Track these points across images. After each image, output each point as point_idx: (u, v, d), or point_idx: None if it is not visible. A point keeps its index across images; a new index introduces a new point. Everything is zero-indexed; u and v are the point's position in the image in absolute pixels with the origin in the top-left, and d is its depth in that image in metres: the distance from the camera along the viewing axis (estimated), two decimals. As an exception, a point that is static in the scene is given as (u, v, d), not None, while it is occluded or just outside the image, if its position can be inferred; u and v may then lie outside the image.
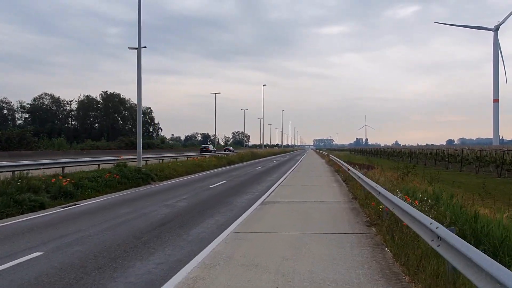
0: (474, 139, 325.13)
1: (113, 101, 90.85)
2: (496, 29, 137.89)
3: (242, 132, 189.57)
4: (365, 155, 74.96)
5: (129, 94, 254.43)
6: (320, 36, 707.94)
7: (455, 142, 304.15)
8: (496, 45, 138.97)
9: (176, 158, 31.58)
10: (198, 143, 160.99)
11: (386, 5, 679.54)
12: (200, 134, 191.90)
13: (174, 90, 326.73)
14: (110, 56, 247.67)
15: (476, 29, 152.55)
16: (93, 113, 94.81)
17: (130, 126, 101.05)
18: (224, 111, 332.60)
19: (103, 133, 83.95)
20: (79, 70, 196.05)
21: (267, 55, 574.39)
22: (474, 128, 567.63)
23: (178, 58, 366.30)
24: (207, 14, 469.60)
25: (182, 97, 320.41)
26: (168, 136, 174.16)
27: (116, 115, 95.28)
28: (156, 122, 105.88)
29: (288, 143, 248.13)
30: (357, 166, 24.51)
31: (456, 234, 4.36)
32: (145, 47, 57.46)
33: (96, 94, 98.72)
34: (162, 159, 28.58)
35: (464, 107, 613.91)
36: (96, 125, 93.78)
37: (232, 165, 36.23)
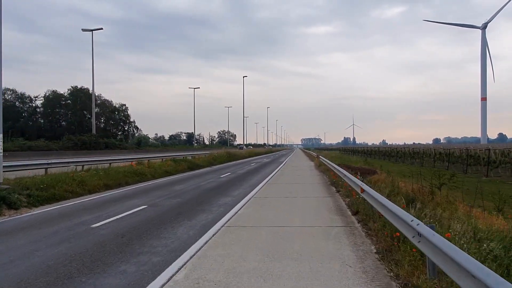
0: (460, 137, 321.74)
1: (81, 96, 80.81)
2: (484, 27, 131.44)
3: (228, 131, 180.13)
4: (358, 156, 66.65)
5: (113, 93, 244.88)
6: (308, 35, 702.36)
7: (441, 141, 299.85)
8: (484, 43, 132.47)
9: (110, 163, 22.62)
10: (183, 143, 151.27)
11: (373, 6, 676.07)
12: (185, 133, 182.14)
13: (162, 89, 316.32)
14: (97, 55, 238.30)
15: (463, 27, 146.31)
16: (61, 110, 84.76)
17: (103, 124, 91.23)
18: (212, 110, 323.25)
19: (70, 131, 74.19)
20: (63, 69, 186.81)
21: (256, 54, 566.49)
22: (459, 127, 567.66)
23: (167, 57, 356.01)
24: (196, 13, 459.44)
25: (169, 96, 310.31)
26: (151, 136, 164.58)
27: (86, 112, 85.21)
28: (132, 120, 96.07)
29: (276, 142, 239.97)
30: (359, 172, 16.56)
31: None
32: (101, 28, 48.16)
33: (64, 89, 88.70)
34: (83, 166, 19.57)
35: (448, 106, 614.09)
36: (63, 122, 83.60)
37: (194, 170, 27.33)
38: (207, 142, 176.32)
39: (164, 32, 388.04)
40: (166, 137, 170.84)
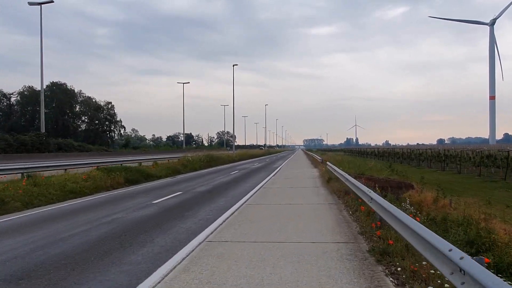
0: (464, 138, 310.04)
1: (57, 92, 70.84)
2: (492, 23, 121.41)
3: (227, 132, 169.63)
4: (370, 158, 56.38)
5: (116, 96, 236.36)
6: (310, 36, 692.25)
7: (446, 142, 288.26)
8: (492, 40, 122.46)
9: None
10: (179, 144, 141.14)
11: (375, 6, 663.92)
12: (183, 134, 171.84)
13: (162, 91, 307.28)
14: (99, 57, 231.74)
15: (471, 24, 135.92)
16: (38, 107, 74.90)
17: (86, 123, 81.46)
18: (213, 111, 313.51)
19: (46, 131, 64.44)
20: (65, 72, 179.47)
21: (257, 56, 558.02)
22: (462, 128, 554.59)
23: (168, 58, 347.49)
24: (197, 14, 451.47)
25: (171, 98, 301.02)
26: (149, 137, 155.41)
27: (68, 110, 75.45)
28: (118, 119, 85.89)
29: (277, 143, 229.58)
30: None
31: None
32: (52, 1, 38.31)
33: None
34: None
35: (451, 106, 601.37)
36: (39, 122, 73.67)
37: (135, 185, 17.43)
38: (205, 143, 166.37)
39: (165, 34, 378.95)
40: (164, 138, 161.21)
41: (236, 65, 50.79)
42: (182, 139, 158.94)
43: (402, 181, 19.56)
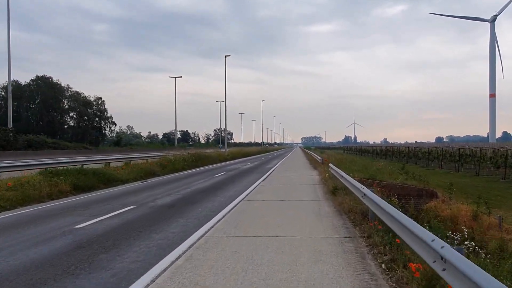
0: (462, 136, 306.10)
1: (41, 86, 66.41)
2: (493, 20, 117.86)
3: (224, 129, 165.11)
4: (372, 157, 52.50)
5: (113, 92, 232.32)
6: (309, 34, 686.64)
7: (444, 140, 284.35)
8: (493, 37, 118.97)
9: None
10: (173, 142, 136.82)
11: (374, 4, 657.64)
12: (179, 131, 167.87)
13: (161, 88, 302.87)
14: (98, 54, 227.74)
15: (471, 20, 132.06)
16: (24, 103, 70.70)
17: (74, 119, 77.26)
18: (210, 108, 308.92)
19: (28, 127, 60.57)
20: (65, 69, 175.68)
21: (257, 53, 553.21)
22: (460, 126, 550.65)
23: (168, 56, 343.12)
24: (197, 12, 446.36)
25: (168, 95, 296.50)
26: (145, 134, 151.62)
27: (54, 105, 71.23)
28: (108, 115, 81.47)
29: (275, 140, 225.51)
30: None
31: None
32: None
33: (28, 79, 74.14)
34: None
35: (449, 105, 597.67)
36: (32, 120, 69.10)
37: (90, 192, 13.51)
38: (202, 141, 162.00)
39: (165, 31, 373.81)
40: (160, 136, 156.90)
41: (229, 55, 46.99)
42: (178, 136, 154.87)
43: (422, 188, 15.68)
